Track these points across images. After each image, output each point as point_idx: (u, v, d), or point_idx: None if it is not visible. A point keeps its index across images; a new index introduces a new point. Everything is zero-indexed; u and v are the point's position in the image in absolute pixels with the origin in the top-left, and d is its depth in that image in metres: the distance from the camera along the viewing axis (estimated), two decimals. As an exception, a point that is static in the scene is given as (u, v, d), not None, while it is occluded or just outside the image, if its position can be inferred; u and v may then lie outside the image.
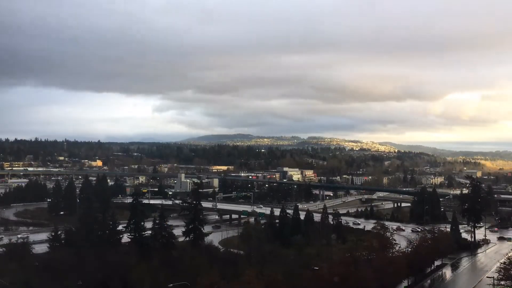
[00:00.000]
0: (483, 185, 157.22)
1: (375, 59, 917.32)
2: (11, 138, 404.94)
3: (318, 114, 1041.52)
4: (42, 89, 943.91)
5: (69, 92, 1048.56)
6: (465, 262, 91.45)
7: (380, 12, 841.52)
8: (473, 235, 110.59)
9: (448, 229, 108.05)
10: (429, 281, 75.39)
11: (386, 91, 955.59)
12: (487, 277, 67.76)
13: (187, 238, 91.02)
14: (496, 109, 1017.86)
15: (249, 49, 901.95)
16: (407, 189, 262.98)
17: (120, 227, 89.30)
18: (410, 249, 76.91)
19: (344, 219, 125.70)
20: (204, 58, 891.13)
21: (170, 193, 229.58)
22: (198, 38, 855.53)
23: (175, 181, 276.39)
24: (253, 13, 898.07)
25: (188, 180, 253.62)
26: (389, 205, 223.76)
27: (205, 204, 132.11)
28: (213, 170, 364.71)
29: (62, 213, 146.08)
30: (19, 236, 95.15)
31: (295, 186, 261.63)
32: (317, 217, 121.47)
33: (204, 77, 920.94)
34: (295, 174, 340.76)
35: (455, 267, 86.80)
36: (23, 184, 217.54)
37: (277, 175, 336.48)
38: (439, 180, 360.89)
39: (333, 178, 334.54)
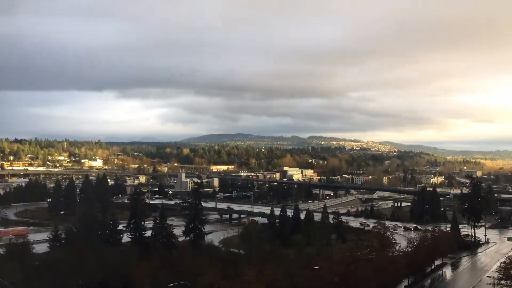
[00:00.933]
0: (483, 184, 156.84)
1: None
2: (11, 138, 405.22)
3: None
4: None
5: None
6: (465, 262, 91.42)
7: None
8: (473, 234, 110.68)
9: (448, 229, 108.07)
10: (429, 280, 75.31)
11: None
12: (487, 276, 67.74)
13: (187, 238, 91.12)
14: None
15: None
16: (407, 188, 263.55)
17: (120, 227, 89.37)
18: (410, 249, 76.82)
19: (344, 219, 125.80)
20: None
21: (170, 192, 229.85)
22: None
23: (175, 181, 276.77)
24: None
25: (188, 180, 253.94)
26: (389, 204, 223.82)
27: (206, 204, 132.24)
28: (213, 170, 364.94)
29: (62, 212, 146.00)
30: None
31: (295, 186, 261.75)
32: (317, 216, 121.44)
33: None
34: (295, 174, 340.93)
35: (455, 266, 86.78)
36: (23, 184, 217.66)
37: (277, 174, 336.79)
38: (439, 179, 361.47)
39: (333, 177, 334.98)
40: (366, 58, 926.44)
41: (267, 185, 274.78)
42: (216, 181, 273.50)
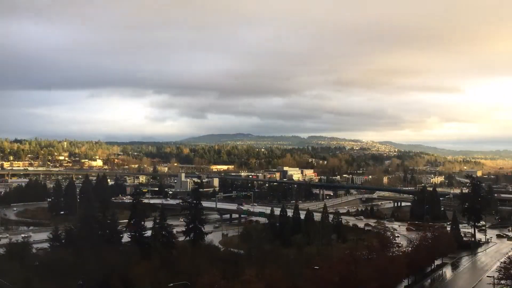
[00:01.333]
0: (483, 184, 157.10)
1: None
2: (11, 138, 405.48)
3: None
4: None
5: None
6: (465, 261, 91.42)
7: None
8: (473, 234, 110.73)
9: (448, 228, 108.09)
10: (429, 280, 75.35)
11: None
12: (487, 276, 67.72)
13: (187, 238, 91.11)
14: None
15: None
16: (407, 188, 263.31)
17: (120, 227, 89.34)
18: (410, 249, 76.80)
19: (344, 219, 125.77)
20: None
21: (170, 192, 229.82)
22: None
23: (175, 181, 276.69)
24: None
25: (188, 180, 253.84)
26: (389, 204, 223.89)
27: (206, 204, 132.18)
28: (213, 170, 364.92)
29: (62, 212, 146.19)
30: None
31: (295, 186, 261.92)
32: (317, 216, 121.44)
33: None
34: (295, 174, 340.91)
35: (455, 266, 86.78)
36: (23, 184, 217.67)
37: (277, 174, 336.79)
38: (439, 179, 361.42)
39: (333, 177, 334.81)
40: (319, 59, 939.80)
41: (267, 185, 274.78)
42: (216, 181, 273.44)
